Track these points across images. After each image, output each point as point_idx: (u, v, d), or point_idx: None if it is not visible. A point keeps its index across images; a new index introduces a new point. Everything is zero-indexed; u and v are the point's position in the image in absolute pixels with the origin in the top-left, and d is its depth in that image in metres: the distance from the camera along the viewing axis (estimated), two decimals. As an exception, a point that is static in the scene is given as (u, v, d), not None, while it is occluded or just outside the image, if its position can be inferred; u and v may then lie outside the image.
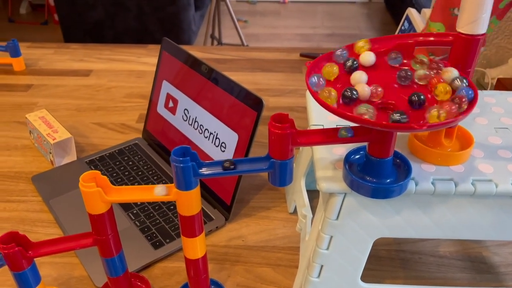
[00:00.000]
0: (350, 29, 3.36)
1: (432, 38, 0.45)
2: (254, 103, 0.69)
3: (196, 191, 0.50)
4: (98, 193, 0.49)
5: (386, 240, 0.71)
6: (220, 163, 0.49)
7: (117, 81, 1.14)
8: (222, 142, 0.74)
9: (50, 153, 0.84)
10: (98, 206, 0.50)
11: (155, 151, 0.88)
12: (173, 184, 0.50)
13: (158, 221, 0.73)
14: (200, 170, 0.48)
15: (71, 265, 0.66)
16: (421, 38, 0.45)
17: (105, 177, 0.50)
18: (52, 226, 0.73)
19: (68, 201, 0.77)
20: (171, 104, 0.84)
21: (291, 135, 0.45)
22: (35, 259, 0.53)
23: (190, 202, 0.50)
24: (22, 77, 1.16)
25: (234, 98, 0.71)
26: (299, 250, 0.69)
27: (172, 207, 0.75)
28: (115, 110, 1.03)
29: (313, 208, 0.65)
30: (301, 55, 1.26)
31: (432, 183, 0.48)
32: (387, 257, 0.68)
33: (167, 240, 0.69)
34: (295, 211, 0.76)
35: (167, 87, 0.85)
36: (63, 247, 0.54)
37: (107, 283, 0.62)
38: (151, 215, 0.74)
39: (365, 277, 0.56)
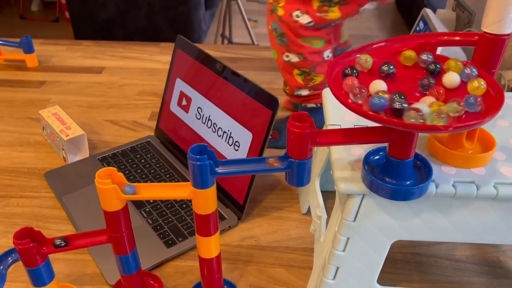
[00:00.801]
0: (361, 29, 3.34)
1: (457, 38, 0.44)
2: (269, 102, 0.68)
3: (212, 190, 0.49)
4: (114, 190, 0.49)
5: (401, 243, 0.70)
6: (235, 162, 0.49)
7: (130, 78, 1.14)
8: (236, 141, 0.73)
9: (63, 149, 0.84)
10: (114, 203, 0.50)
11: (168, 149, 0.88)
12: (189, 182, 0.49)
13: (170, 219, 0.72)
14: (217, 169, 0.48)
15: (83, 262, 0.66)
16: (445, 37, 0.44)
17: (121, 174, 0.50)
18: (65, 222, 0.73)
19: (81, 198, 0.76)
20: (184, 102, 0.84)
21: (310, 134, 0.44)
22: (49, 255, 0.53)
23: (206, 200, 0.49)
24: (35, 73, 1.16)
25: (249, 96, 0.71)
26: (312, 251, 0.69)
27: (184, 206, 0.75)
28: (127, 108, 1.03)
29: (327, 209, 0.64)
30: (314, 55, 1.25)
31: (453, 186, 0.47)
32: (402, 260, 0.67)
33: (180, 239, 0.69)
34: (308, 212, 0.75)
35: (180, 85, 0.85)
36: (77, 244, 0.54)
37: (120, 281, 0.62)
38: (164, 213, 0.73)
39: (380, 280, 0.55)
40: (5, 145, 0.90)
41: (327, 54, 0.84)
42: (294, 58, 0.83)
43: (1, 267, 0.54)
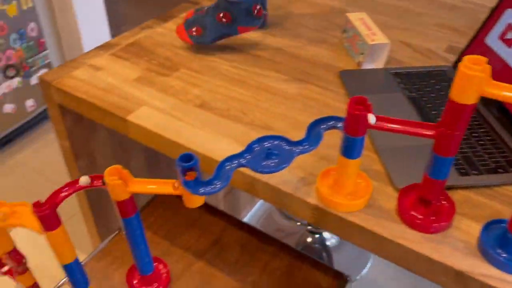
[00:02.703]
0: None
1: None
2: None
3: None
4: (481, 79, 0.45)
5: None
6: None
7: (428, 9, 1.08)
8: None
9: (362, 54, 0.84)
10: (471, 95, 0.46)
11: (467, 84, 0.81)
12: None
13: (465, 150, 0.67)
14: None
15: (371, 159, 0.67)
16: None
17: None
18: (353, 119, 0.74)
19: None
20: (508, 36, 0.74)
21: None
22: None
23: None
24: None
25: None
26: None
27: (481, 143, 0.68)
28: (423, 35, 0.98)
29: None
30: None
31: None
32: None
33: (474, 172, 0.63)
34: None
35: (510, 17, 0.75)
36: (403, 129, 0.53)
37: (410, 187, 0.60)
38: (458, 142, 0.68)
39: None
40: (306, 38, 0.95)
41: None
42: None
43: (322, 126, 0.57)
